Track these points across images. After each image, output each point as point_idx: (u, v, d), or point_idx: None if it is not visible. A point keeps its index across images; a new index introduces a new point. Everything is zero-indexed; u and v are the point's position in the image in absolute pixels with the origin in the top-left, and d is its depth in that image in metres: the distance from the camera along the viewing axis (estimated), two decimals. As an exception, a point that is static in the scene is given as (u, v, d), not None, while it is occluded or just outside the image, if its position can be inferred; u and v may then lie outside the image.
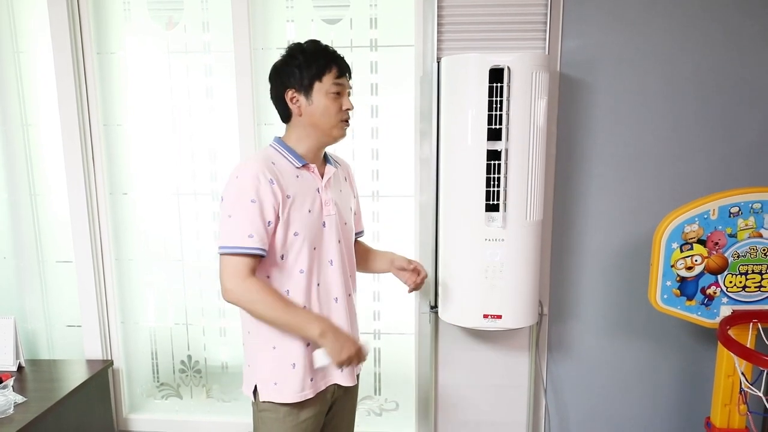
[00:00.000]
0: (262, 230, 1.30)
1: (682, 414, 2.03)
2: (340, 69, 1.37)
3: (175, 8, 2.01)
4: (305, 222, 1.35)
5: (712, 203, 1.60)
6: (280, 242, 1.33)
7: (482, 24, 1.82)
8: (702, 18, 1.79)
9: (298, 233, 1.34)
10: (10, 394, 1.83)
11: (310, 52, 1.36)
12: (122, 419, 2.26)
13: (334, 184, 1.45)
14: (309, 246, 1.36)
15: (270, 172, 1.31)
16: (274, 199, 1.30)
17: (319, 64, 1.35)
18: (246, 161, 1.35)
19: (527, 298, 1.74)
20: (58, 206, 2.16)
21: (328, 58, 1.36)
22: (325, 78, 1.35)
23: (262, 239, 1.30)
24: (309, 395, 1.39)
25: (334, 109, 1.36)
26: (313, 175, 1.39)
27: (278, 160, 1.37)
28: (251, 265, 1.30)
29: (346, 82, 1.39)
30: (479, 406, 2.06)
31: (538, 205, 1.69)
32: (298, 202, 1.34)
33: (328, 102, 1.36)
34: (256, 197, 1.29)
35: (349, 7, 1.95)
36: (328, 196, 1.41)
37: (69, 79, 2.00)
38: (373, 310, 2.14)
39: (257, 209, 1.29)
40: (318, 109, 1.36)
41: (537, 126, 1.64)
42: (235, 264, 1.30)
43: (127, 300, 2.21)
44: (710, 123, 1.84)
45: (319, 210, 1.38)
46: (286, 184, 1.33)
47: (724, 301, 1.66)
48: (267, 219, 1.30)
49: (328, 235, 1.40)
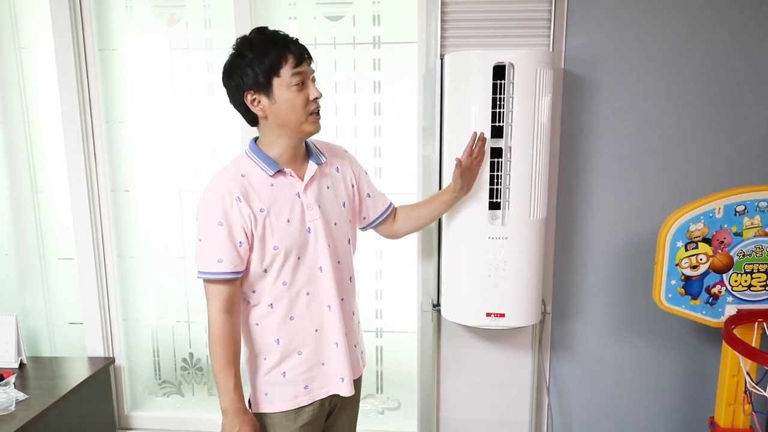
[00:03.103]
0: (232, 253, 1.25)
1: (686, 413, 2.02)
2: (296, 56, 1.24)
3: (177, 5, 2.00)
4: (284, 234, 1.28)
5: (717, 201, 1.59)
6: (259, 258, 1.29)
7: (486, 21, 1.80)
8: (706, 16, 1.78)
9: (278, 247, 1.28)
10: (11, 391, 1.83)
11: (258, 45, 1.23)
12: (124, 416, 2.26)
13: (319, 181, 1.36)
14: (293, 257, 1.30)
15: (238, 188, 1.25)
16: (242, 219, 1.24)
17: (272, 56, 1.22)
18: (215, 177, 1.29)
19: (530, 297, 1.73)
20: (60, 203, 2.15)
21: (280, 47, 1.23)
22: (283, 71, 1.23)
23: (233, 262, 1.26)
24: (303, 402, 1.37)
25: (300, 103, 1.25)
26: (290, 180, 1.31)
27: (250, 170, 1.29)
28: (226, 292, 1.28)
29: (308, 68, 1.27)
30: (482, 404, 2.05)
31: (541, 203, 1.68)
32: (275, 214, 1.28)
33: (291, 96, 1.24)
34: (224, 219, 1.24)
35: (352, 4, 1.94)
36: (310, 200, 1.32)
37: (71, 75, 1.99)
38: (376, 309, 2.13)
39: (225, 232, 1.24)
40: (283, 106, 1.25)
41: (541, 123, 1.63)
42: (211, 291, 1.29)
43: (128, 297, 2.21)
44: (715, 121, 1.83)
45: (300, 217, 1.31)
46: (260, 196, 1.27)
47: (729, 300, 1.65)
48: (237, 240, 1.25)
49: (314, 241, 1.33)
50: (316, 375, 1.39)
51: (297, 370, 1.36)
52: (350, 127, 2.01)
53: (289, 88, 1.24)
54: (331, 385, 1.41)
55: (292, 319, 1.34)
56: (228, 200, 1.24)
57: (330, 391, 1.41)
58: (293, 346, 1.35)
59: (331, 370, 1.40)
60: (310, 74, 1.28)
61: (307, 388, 1.38)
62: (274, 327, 1.34)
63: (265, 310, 1.34)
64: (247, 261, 1.29)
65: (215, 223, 1.25)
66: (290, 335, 1.35)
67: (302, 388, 1.37)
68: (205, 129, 2.08)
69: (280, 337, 1.34)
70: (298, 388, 1.37)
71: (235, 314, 1.32)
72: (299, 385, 1.37)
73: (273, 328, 1.34)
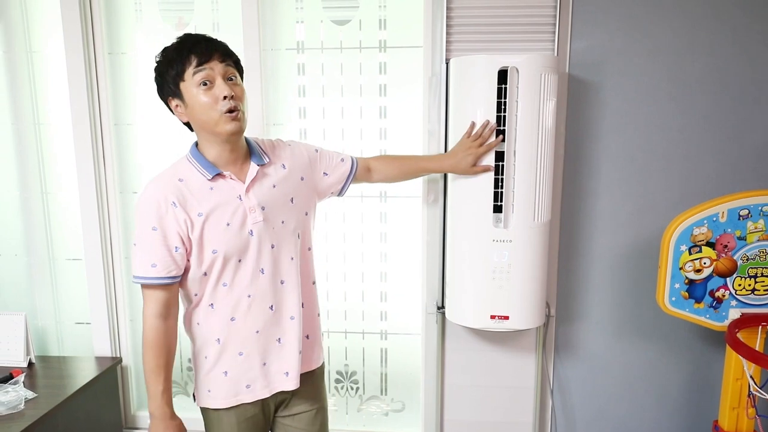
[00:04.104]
0: (166, 258, 1.26)
1: (690, 417, 2.02)
2: (200, 55, 1.21)
3: (186, 9, 2.02)
4: (224, 238, 1.28)
5: (721, 206, 1.60)
6: (197, 261, 1.29)
7: (491, 25, 1.82)
8: (710, 19, 1.78)
9: (216, 251, 1.28)
10: (21, 389, 1.85)
11: (165, 52, 1.25)
12: (130, 416, 2.28)
13: (263, 182, 1.34)
14: (233, 260, 1.30)
15: (174, 193, 1.25)
16: (177, 224, 1.25)
17: (176, 61, 1.22)
18: (152, 182, 1.30)
19: (534, 299, 1.74)
20: (69, 204, 2.18)
21: (183, 50, 1.22)
22: (186, 73, 1.22)
23: (167, 267, 1.27)
24: (245, 400, 1.38)
25: (207, 103, 1.22)
26: (230, 183, 1.30)
27: (188, 174, 1.29)
28: (162, 298, 1.29)
29: (216, 66, 1.23)
30: (486, 406, 2.05)
31: (546, 206, 1.69)
32: (214, 219, 1.27)
33: (199, 97, 1.22)
34: (158, 224, 1.24)
35: (359, 9, 1.96)
36: (252, 202, 1.30)
37: (81, 78, 2.02)
38: (380, 311, 2.14)
39: (159, 237, 1.25)
40: (194, 109, 1.24)
41: (545, 127, 1.64)
42: (147, 295, 1.31)
43: (136, 298, 2.23)
44: (719, 124, 1.84)
45: (242, 220, 1.29)
46: (197, 201, 1.26)
47: (732, 304, 1.66)
48: (172, 245, 1.26)
49: (256, 244, 1.31)
50: (258, 375, 1.38)
51: (238, 370, 1.37)
52: (356, 130, 2.03)
53: (197, 89, 1.22)
54: (274, 383, 1.40)
55: (233, 320, 1.34)
56: (163, 206, 1.25)
57: (274, 390, 1.41)
58: (234, 347, 1.36)
59: (274, 368, 1.40)
60: (219, 73, 1.23)
61: (249, 387, 1.38)
62: (215, 327, 1.35)
63: (205, 310, 1.35)
64: (187, 264, 1.30)
65: (149, 229, 1.25)
66: (231, 335, 1.35)
67: (244, 386, 1.38)
68: (212, 131, 2.09)
69: (221, 336, 1.35)
70: (239, 386, 1.37)
71: (171, 318, 1.34)
72: (241, 384, 1.37)
73: (214, 327, 1.35)
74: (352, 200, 2.06)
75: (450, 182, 1.78)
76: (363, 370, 2.19)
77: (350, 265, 2.11)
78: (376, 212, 2.07)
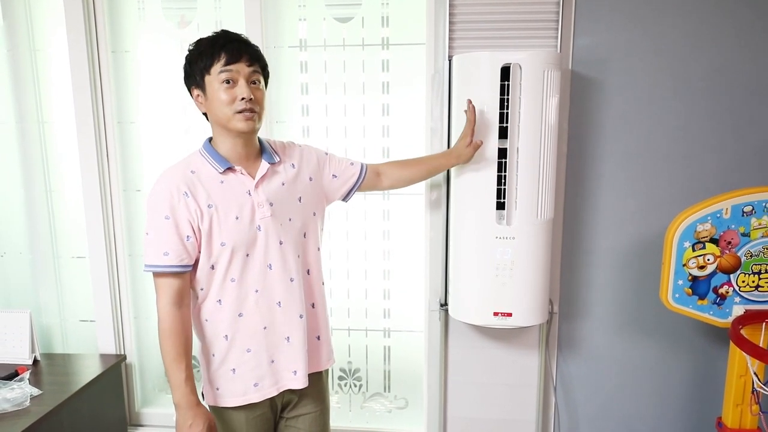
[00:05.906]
0: (179, 246, 1.28)
1: (693, 414, 2.02)
2: (230, 55, 1.26)
3: (189, 7, 2.03)
4: (232, 231, 1.30)
5: (725, 202, 1.59)
6: (206, 253, 1.30)
7: (494, 22, 1.81)
8: (714, 15, 1.78)
9: (225, 243, 1.30)
10: (26, 386, 1.86)
11: (200, 44, 1.30)
12: (135, 413, 2.29)
13: (272, 179, 1.37)
14: (241, 253, 1.31)
15: (186, 184, 1.27)
16: (189, 213, 1.27)
17: (207, 54, 1.27)
18: (165, 172, 1.32)
19: (537, 296, 1.74)
20: (73, 202, 2.18)
21: (216, 46, 1.27)
22: (213, 68, 1.27)
23: (179, 255, 1.28)
24: (253, 399, 1.38)
25: (225, 100, 1.27)
26: (240, 178, 1.33)
27: (200, 167, 1.32)
28: (175, 286, 1.30)
29: (242, 68, 1.28)
30: (489, 404, 2.06)
31: (549, 204, 1.69)
32: (223, 211, 1.29)
33: (220, 93, 1.27)
34: (170, 213, 1.26)
35: (361, 6, 1.96)
36: (261, 198, 1.33)
37: (84, 77, 2.02)
38: (383, 308, 2.15)
39: (172, 225, 1.27)
40: (212, 102, 1.29)
41: (548, 124, 1.64)
42: (160, 284, 1.31)
43: (140, 295, 2.24)
44: (722, 121, 1.83)
45: (250, 215, 1.32)
46: (208, 193, 1.29)
47: (736, 300, 1.65)
48: (184, 234, 1.28)
49: (264, 239, 1.33)
50: (266, 373, 1.39)
51: (246, 367, 1.37)
52: (359, 127, 2.03)
53: (220, 85, 1.27)
54: (282, 381, 1.41)
55: (241, 316, 1.35)
56: (176, 195, 1.27)
57: (282, 388, 1.41)
58: (241, 343, 1.37)
59: (282, 366, 1.40)
60: (243, 75, 1.28)
61: (257, 385, 1.38)
62: (223, 323, 1.36)
63: (213, 306, 1.36)
64: (196, 256, 1.32)
65: (162, 217, 1.27)
66: (238, 332, 1.36)
67: (252, 385, 1.38)
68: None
69: (228, 333, 1.36)
70: (247, 385, 1.38)
71: (185, 307, 1.34)
72: (249, 382, 1.38)
73: (222, 324, 1.36)
74: (355, 198, 2.04)
75: (453, 179, 1.78)
76: (366, 367, 2.19)
77: (353, 262, 2.12)
78: (379, 210, 2.07)
